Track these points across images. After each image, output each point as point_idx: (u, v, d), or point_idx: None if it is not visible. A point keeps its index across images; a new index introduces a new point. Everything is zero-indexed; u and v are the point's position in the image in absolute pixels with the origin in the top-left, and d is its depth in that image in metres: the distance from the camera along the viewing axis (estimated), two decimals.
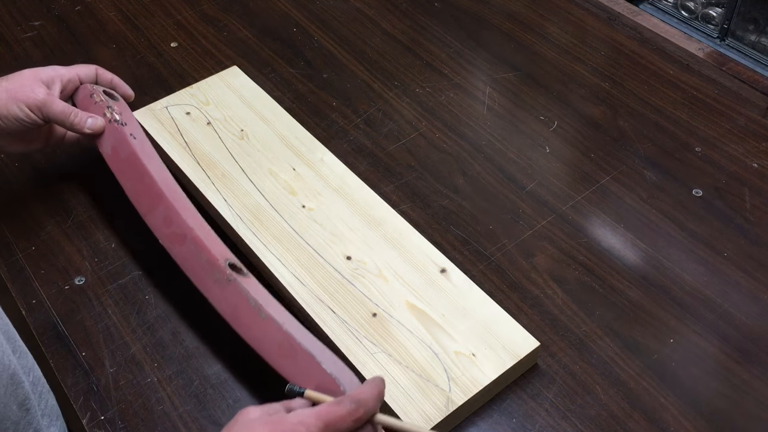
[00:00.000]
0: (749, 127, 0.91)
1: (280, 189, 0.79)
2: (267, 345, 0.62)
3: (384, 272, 0.72)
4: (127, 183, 0.75)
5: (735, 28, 1.07)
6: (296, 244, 0.74)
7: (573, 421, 0.66)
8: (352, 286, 0.71)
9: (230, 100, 0.89)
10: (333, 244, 0.74)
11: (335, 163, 0.82)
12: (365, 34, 1.05)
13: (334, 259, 0.73)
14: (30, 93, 0.74)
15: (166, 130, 0.86)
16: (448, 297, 0.70)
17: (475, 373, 0.65)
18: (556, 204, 0.83)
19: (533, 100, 0.95)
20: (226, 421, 0.65)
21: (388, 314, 0.69)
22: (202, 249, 0.68)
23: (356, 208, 0.78)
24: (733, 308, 0.73)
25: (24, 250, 0.78)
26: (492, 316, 0.69)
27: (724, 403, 0.67)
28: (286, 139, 0.85)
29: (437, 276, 0.72)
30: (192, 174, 0.81)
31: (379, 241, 0.75)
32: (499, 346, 0.67)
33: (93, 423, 0.65)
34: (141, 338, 0.71)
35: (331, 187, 0.80)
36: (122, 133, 0.77)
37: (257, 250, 0.74)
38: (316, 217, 0.77)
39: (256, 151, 0.83)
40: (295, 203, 0.78)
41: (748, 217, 0.81)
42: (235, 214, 0.77)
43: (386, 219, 0.77)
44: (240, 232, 0.75)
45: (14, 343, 0.63)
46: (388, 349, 0.66)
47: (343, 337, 0.67)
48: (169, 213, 0.72)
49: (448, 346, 0.67)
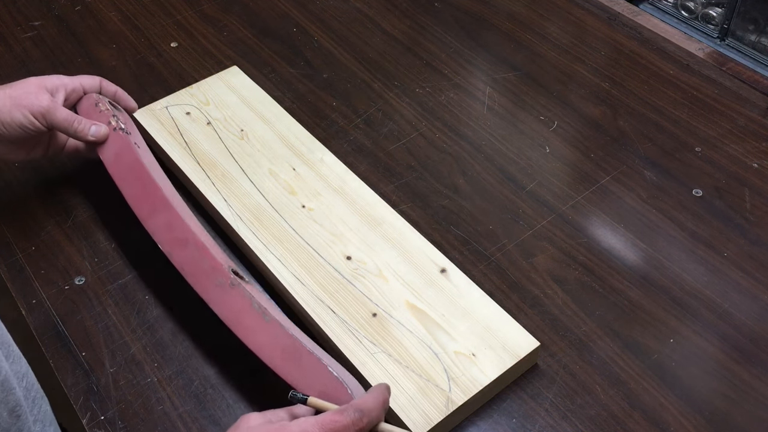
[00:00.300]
0: (749, 127, 0.91)
1: (280, 189, 0.79)
2: (270, 349, 0.63)
3: (384, 272, 0.72)
4: (128, 189, 0.76)
5: (735, 28, 1.07)
6: (296, 244, 0.74)
7: (573, 421, 0.66)
8: (352, 287, 0.71)
9: (230, 100, 0.90)
10: (333, 244, 0.74)
11: (335, 163, 0.82)
12: (365, 34, 1.05)
13: (334, 259, 0.73)
14: (34, 100, 0.75)
15: (166, 129, 0.86)
16: (448, 297, 0.70)
17: (475, 373, 0.65)
18: (556, 204, 0.83)
19: (533, 100, 0.95)
20: (227, 421, 0.65)
21: (388, 314, 0.69)
22: (204, 253, 0.69)
23: (356, 208, 0.78)
24: (733, 308, 0.73)
25: (24, 250, 0.78)
26: (492, 316, 0.69)
27: (724, 403, 0.67)
28: (286, 139, 0.85)
29: (437, 276, 0.72)
30: (192, 174, 0.81)
31: (379, 241, 0.75)
32: (499, 346, 0.67)
33: (93, 423, 0.65)
34: (141, 338, 0.71)
35: (331, 187, 0.80)
36: (127, 141, 0.78)
37: (257, 251, 0.74)
38: (316, 217, 0.77)
39: (256, 151, 0.83)
40: (295, 203, 0.78)
41: (748, 217, 0.81)
42: (235, 214, 0.77)
43: (386, 219, 0.77)
44: (240, 233, 0.75)
45: (7, 348, 0.62)
46: (388, 349, 0.66)
47: (343, 337, 0.67)
48: (172, 219, 0.72)
49: (448, 346, 0.67)
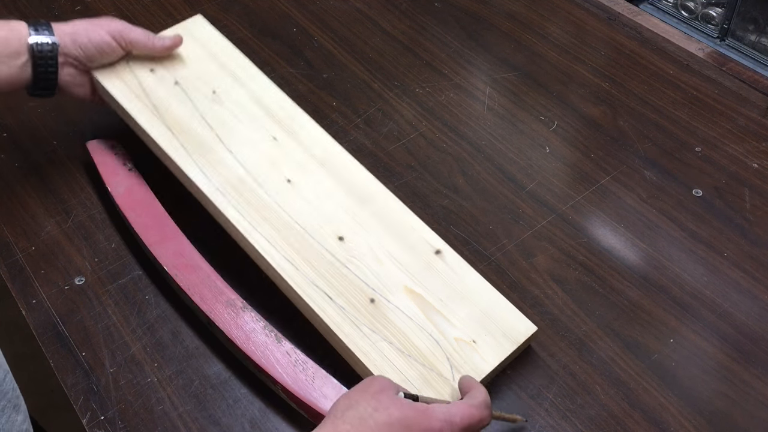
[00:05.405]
0: (749, 127, 0.91)
1: (262, 160, 0.75)
2: (283, 365, 0.64)
3: (378, 254, 0.70)
4: (137, 219, 0.76)
5: (735, 28, 1.07)
6: (284, 223, 0.71)
7: (573, 421, 0.66)
8: (347, 270, 0.69)
9: (197, 54, 0.83)
10: (324, 224, 0.71)
11: (317, 131, 0.78)
12: (365, 34, 1.05)
13: (326, 240, 0.70)
14: (110, 21, 0.81)
15: (132, 91, 0.79)
16: (445, 280, 0.69)
17: (477, 361, 0.64)
18: (556, 204, 0.83)
19: (533, 100, 0.95)
20: (227, 421, 0.65)
21: (386, 299, 0.67)
22: (215, 278, 0.70)
23: (343, 182, 0.74)
24: (733, 308, 0.73)
25: (24, 250, 0.78)
26: (489, 300, 0.68)
27: (724, 403, 0.67)
28: (262, 102, 0.79)
29: (432, 258, 0.70)
30: (166, 144, 0.75)
31: (371, 220, 0.72)
32: (499, 332, 0.66)
33: (93, 423, 0.65)
34: (141, 338, 0.71)
35: (316, 159, 0.76)
36: (140, 179, 0.80)
37: (244, 231, 0.70)
38: (303, 194, 0.73)
39: (233, 116, 0.78)
40: (280, 177, 0.74)
41: (748, 217, 0.81)
42: (216, 189, 0.73)
43: (376, 195, 0.74)
44: (226, 213, 0.71)
45: None
46: (389, 336, 0.65)
47: (343, 325, 0.65)
48: (182, 248, 0.73)
49: (448, 332, 0.66)
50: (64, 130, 0.90)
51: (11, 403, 0.63)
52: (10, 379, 0.63)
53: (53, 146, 0.88)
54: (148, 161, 0.81)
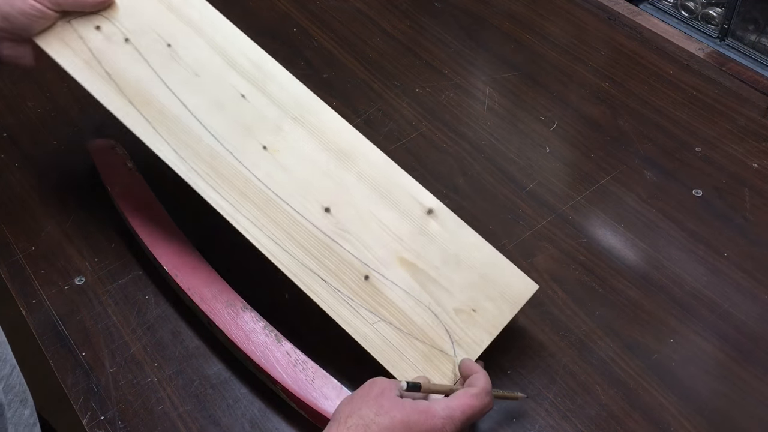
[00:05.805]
0: (749, 127, 0.91)
1: (233, 125, 0.68)
2: (283, 365, 0.64)
3: (368, 222, 0.66)
4: (137, 219, 0.76)
5: (735, 28, 1.07)
6: (266, 198, 0.66)
7: (573, 421, 0.66)
8: (338, 246, 0.65)
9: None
10: (307, 194, 0.67)
11: (288, 80, 0.71)
12: (365, 34, 1.05)
13: (312, 213, 0.66)
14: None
15: (80, 57, 0.69)
16: (439, 244, 0.67)
17: (477, 333, 0.64)
18: (556, 204, 0.83)
19: (533, 100, 0.95)
20: (227, 421, 0.65)
21: (380, 275, 0.65)
22: (215, 278, 0.70)
23: (324, 141, 0.69)
24: (733, 308, 0.73)
25: (24, 250, 0.78)
26: (486, 260, 0.67)
27: (724, 403, 0.67)
28: (224, 52, 0.71)
29: (425, 219, 0.67)
30: (125, 118, 0.67)
31: (357, 183, 0.67)
32: (498, 296, 0.65)
33: (93, 423, 0.65)
34: (141, 338, 0.71)
35: (290, 116, 0.69)
36: (140, 178, 0.80)
37: (225, 212, 0.66)
38: (281, 161, 0.67)
39: (193, 75, 0.70)
40: (255, 145, 0.68)
41: (748, 217, 0.81)
42: (189, 167, 0.67)
43: (359, 150, 0.69)
44: (201, 191, 0.66)
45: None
46: (387, 316, 0.64)
47: (339, 309, 0.64)
48: (182, 248, 0.72)
49: (446, 303, 0.64)
50: (64, 130, 0.90)
51: (18, 397, 0.64)
52: (17, 374, 0.64)
53: (53, 146, 0.88)
54: (148, 161, 0.81)
